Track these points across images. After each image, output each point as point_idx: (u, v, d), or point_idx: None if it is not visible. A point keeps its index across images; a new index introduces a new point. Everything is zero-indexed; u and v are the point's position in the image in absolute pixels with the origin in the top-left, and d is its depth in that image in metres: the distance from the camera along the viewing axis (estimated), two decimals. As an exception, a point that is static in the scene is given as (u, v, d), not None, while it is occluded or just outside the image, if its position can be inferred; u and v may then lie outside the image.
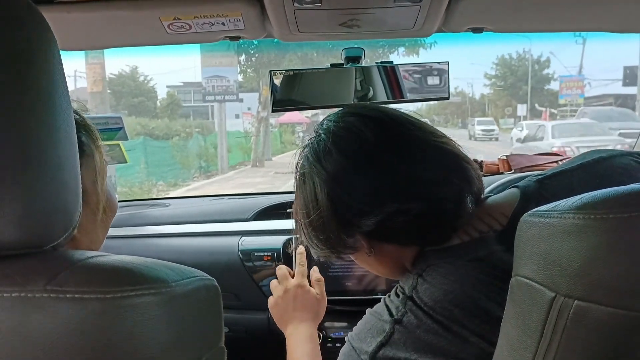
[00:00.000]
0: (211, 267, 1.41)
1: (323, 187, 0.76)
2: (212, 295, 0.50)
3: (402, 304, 0.70)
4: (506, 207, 0.75)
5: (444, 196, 0.73)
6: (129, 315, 0.41)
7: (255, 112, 15.99)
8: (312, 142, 0.80)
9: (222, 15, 1.00)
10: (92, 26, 1.05)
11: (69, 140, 0.47)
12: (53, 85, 0.44)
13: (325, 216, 0.76)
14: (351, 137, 0.76)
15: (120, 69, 17.28)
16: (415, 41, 10.68)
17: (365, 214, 0.73)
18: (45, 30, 0.45)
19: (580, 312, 0.48)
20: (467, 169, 0.76)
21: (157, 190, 11.11)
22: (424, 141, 0.76)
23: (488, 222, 0.75)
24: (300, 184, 0.81)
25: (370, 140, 0.74)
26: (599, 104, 19.69)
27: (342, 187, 0.74)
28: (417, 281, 0.71)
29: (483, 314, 0.65)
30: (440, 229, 0.75)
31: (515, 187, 0.78)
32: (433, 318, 0.67)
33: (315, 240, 0.81)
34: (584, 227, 0.48)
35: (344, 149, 0.75)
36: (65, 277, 0.41)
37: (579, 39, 18.17)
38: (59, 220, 0.46)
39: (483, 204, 0.79)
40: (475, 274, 0.69)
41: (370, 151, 0.74)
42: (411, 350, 0.66)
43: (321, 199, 0.76)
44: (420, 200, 0.72)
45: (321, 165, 0.76)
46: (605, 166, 0.75)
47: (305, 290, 1.11)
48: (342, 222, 0.76)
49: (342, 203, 0.75)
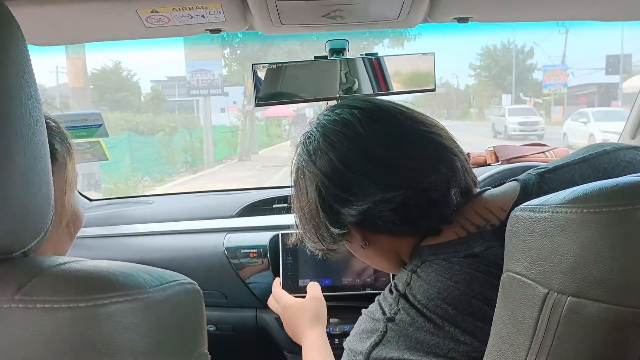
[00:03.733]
0: (196, 266, 1.39)
1: (312, 180, 0.77)
2: (194, 299, 0.48)
3: (395, 302, 0.70)
4: (505, 201, 0.74)
5: (428, 185, 0.72)
6: (103, 325, 0.39)
7: (241, 106, 15.91)
8: (304, 138, 0.81)
9: (201, 7, 0.97)
10: (66, 20, 1.02)
11: (39, 141, 0.44)
12: (21, 83, 0.42)
13: (313, 208, 0.78)
14: (339, 128, 0.76)
15: (102, 64, 17.07)
16: (399, 33, 10.67)
17: (350, 202, 0.74)
18: (12, 25, 0.42)
19: (574, 309, 0.47)
20: (454, 160, 0.76)
21: (143, 186, 11.02)
22: (412, 130, 0.76)
23: (485, 216, 0.74)
24: (294, 179, 0.83)
25: (358, 130, 0.75)
26: (582, 93, 19.91)
27: (328, 177, 0.75)
28: (410, 278, 0.71)
29: (477, 312, 0.65)
30: (427, 219, 0.74)
31: (515, 181, 0.77)
32: (426, 316, 0.66)
33: (308, 234, 0.83)
34: (576, 221, 0.47)
35: (331, 141, 0.76)
36: (35, 285, 0.39)
37: (562, 28, 18.27)
38: (29, 224, 0.43)
39: (480, 197, 0.78)
40: (470, 270, 0.68)
41: (357, 141, 0.75)
42: (404, 348, 0.66)
43: (310, 191, 0.78)
44: (404, 189, 0.72)
45: (310, 158, 0.78)
46: (609, 160, 0.74)
47: (300, 303, 1.16)
48: (329, 213, 0.77)
49: (328, 193, 0.75)
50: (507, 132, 16.31)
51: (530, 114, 17.03)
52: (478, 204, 0.76)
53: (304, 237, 0.85)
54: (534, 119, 16.41)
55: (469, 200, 0.77)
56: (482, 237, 0.71)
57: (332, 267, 1.33)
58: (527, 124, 16.01)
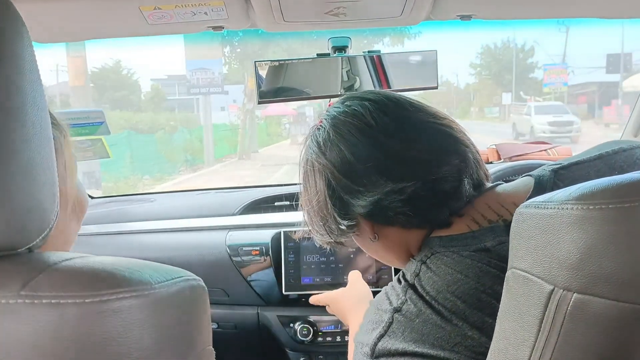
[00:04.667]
0: (198, 263, 1.39)
1: (321, 171, 0.77)
2: (199, 295, 0.48)
3: (403, 292, 0.69)
4: (518, 196, 0.73)
5: (439, 177, 0.72)
6: (109, 321, 0.39)
7: (241, 105, 15.90)
8: (314, 130, 0.81)
9: (204, 4, 0.97)
10: (70, 17, 1.02)
11: (43, 136, 0.44)
12: (25, 79, 0.42)
13: (322, 200, 0.78)
14: (349, 120, 0.76)
15: (103, 62, 17.07)
16: (400, 31, 10.66)
17: (360, 193, 0.74)
18: (16, 21, 0.42)
19: (580, 305, 0.47)
20: (465, 151, 0.75)
21: (143, 185, 11.03)
22: (423, 123, 0.76)
23: (498, 211, 0.73)
24: (303, 172, 0.83)
25: (369, 122, 0.75)
26: (582, 92, 19.87)
27: (338, 168, 0.75)
28: (420, 268, 0.70)
29: (486, 307, 0.64)
30: (438, 210, 0.74)
31: (529, 176, 0.76)
32: (434, 308, 0.66)
33: (316, 227, 0.82)
34: (582, 218, 0.46)
35: (341, 132, 0.76)
36: (40, 281, 0.39)
37: (562, 27, 18.25)
38: (34, 220, 0.43)
39: (492, 191, 0.77)
40: (481, 265, 0.67)
41: (367, 133, 0.74)
42: (409, 340, 0.65)
43: (319, 183, 0.78)
44: (415, 180, 0.72)
45: (320, 150, 0.77)
46: (625, 157, 0.74)
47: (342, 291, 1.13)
48: (338, 205, 0.76)
49: (338, 185, 0.75)
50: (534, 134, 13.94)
51: (562, 112, 14.43)
52: (490, 198, 0.75)
53: (312, 230, 0.84)
54: (567, 118, 13.94)
55: (481, 193, 0.76)
56: (494, 231, 0.70)
57: (334, 265, 1.33)
58: (559, 124, 13.59)
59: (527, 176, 0.77)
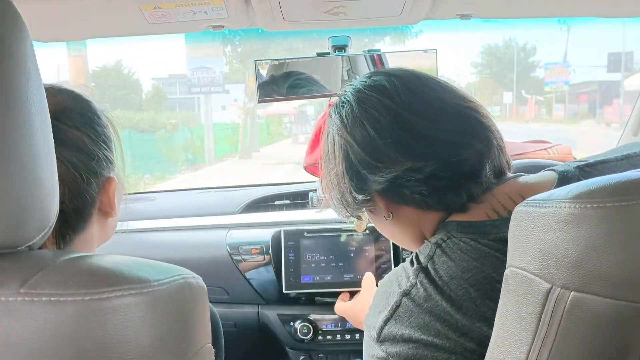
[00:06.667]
0: (198, 262, 1.39)
1: (342, 144, 0.76)
2: (198, 293, 0.48)
3: (415, 275, 0.68)
4: (541, 188, 0.70)
5: (460, 158, 0.71)
6: (108, 318, 0.39)
7: (242, 104, 15.89)
8: (337, 102, 0.80)
9: (204, 4, 0.97)
10: (70, 16, 1.02)
11: (43, 135, 0.45)
12: (25, 79, 0.42)
13: (340, 173, 0.77)
14: (375, 94, 0.75)
15: (104, 61, 17.06)
16: (401, 30, 10.64)
17: (378, 169, 0.73)
18: (17, 20, 0.43)
19: (577, 304, 0.47)
20: (489, 136, 0.74)
21: (144, 184, 11.02)
22: (449, 104, 0.75)
23: (518, 202, 0.72)
24: (323, 144, 0.82)
25: (394, 98, 0.74)
26: (583, 91, 19.83)
27: (358, 143, 0.74)
28: (434, 252, 0.69)
29: (498, 298, 0.62)
30: (455, 193, 0.72)
31: (552, 171, 0.75)
32: (444, 294, 0.64)
33: (334, 200, 0.82)
34: (580, 217, 0.46)
35: (365, 106, 0.75)
36: (40, 279, 0.39)
37: (564, 26, 18.21)
38: (33, 218, 0.44)
39: (514, 181, 0.76)
40: (499, 255, 0.66)
41: (391, 108, 0.74)
42: (415, 326, 0.64)
43: (338, 155, 0.77)
44: (435, 160, 0.71)
45: (342, 123, 0.77)
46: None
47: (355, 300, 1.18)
48: (355, 179, 0.76)
49: (357, 159, 0.75)
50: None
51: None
52: (512, 188, 0.74)
53: (330, 202, 0.84)
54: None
55: (502, 182, 0.75)
56: None
57: (334, 264, 1.33)
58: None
59: (549, 170, 0.75)
